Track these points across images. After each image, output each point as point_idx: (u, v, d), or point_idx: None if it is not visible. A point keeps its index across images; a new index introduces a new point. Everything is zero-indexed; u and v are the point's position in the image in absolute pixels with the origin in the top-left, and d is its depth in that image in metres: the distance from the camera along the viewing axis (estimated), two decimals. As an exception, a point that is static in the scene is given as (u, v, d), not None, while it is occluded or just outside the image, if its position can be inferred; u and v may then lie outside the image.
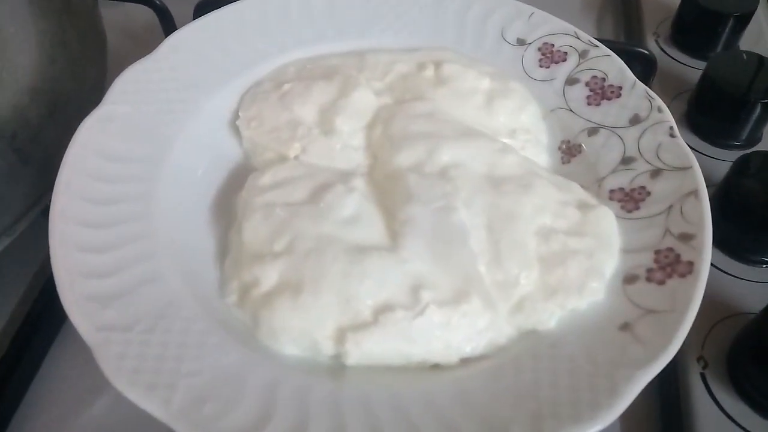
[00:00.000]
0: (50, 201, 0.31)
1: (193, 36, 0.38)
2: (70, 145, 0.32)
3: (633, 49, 0.47)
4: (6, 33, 0.30)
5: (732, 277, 0.39)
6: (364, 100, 0.36)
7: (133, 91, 0.35)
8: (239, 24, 0.39)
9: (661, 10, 0.57)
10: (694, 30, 0.53)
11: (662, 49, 0.54)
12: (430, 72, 0.37)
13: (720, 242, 0.39)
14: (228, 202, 0.35)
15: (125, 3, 0.50)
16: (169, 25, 0.49)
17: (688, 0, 0.53)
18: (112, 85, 0.34)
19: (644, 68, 0.48)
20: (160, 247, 0.31)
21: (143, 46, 0.50)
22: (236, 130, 0.37)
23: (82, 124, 0.33)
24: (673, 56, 0.54)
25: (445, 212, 0.31)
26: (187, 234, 0.33)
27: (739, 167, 0.40)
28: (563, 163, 0.37)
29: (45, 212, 0.35)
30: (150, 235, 0.31)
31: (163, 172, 0.33)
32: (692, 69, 0.53)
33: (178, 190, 0.34)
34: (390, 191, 0.33)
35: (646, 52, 0.47)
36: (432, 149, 0.33)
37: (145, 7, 0.50)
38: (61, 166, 0.31)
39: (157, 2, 0.48)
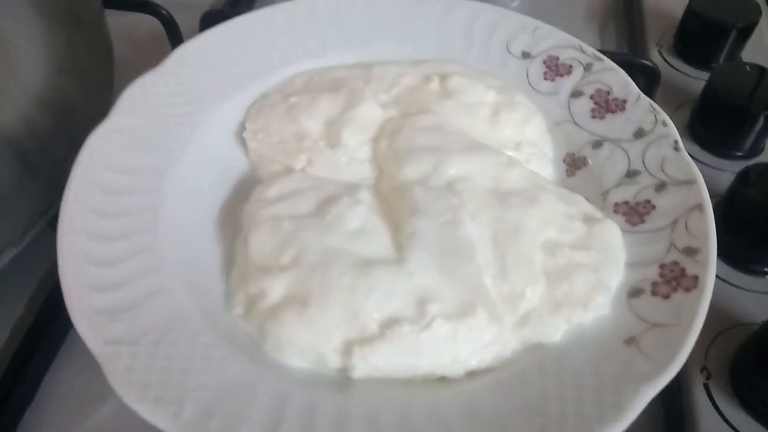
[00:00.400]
0: (57, 212, 0.31)
1: (200, 48, 0.38)
2: (78, 157, 0.32)
3: (637, 61, 0.48)
4: (16, 46, 0.30)
5: (735, 288, 0.39)
6: (371, 113, 0.36)
7: (141, 104, 0.35)
8: (246, 36, 0.39)
9: (664, 21, 0.57)
10: (697, 41, 0.54)
11: (665, 59, 0.55)
12: (436, 85, 0.38)
13: (723, 253, 0.39)
14: (234, 214, 0.35)
15: (130, 12, 0.50)
16: (174, 35, 0.50)
17: (691, 11, 0.53)
18: (121, 97, 0.35)
19: (648, 80, 0.48)
20: (167, 259, 0.31)
21: (148, 55, 0.50)
22: (243, 142, 0.37)
23: (90, 136, 0.33)
24: (675, 66, 0.54)
25: (452, 226, 0.31)
26: (194, 246, 0.33)
27: (743, 178, 0.40)
28: (568, 175, 0.37)
29: (51, 222, 0.36)
30: (157, 248, 0.31)
31: (170, 184, 0.34)
32: (694, 79, 0.53)
33: (185, 201, 0.34)
34: (396, 204, 0.33)
35: (650, 64, 0.48)
36: (438, 162, 0.33)
37: (150, 16, 0.50)
38: (69, 179, 0.31)
39: (163, 12, 0.49)
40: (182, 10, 0.50)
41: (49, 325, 0.36)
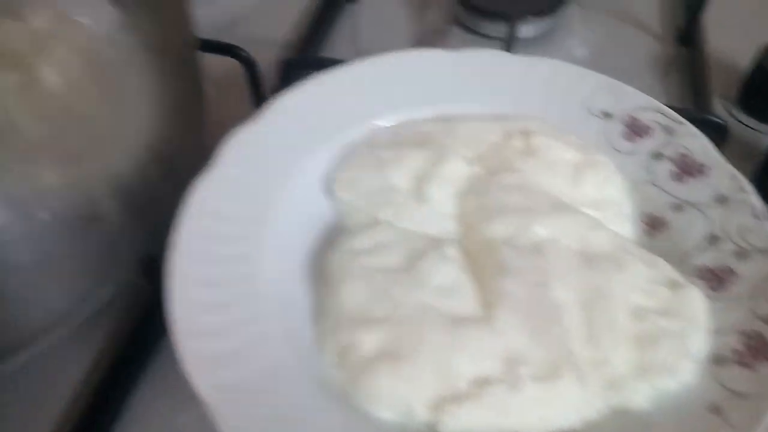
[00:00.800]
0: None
1: (296, 100, 0.40)
2: (184, 205, 0.34)
3: (705, 117, 0.48)
4: (134, 105, 0.32)
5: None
6: (456, 169, 0.37)
7: (240, 154, 0.37)
8: (337, 89, 0.41)
9: (729, 72, 0.58)
10: (763, 95, 0.54)
11: (729, 112, 0.55)
12: (518, 142, 0.39)
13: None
14: (321, 261, 0.36)
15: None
16: (254, 75, 0.51)
17: (759, 67, 0.53)
18: (222, 147, 0.37)
19: (715, 136, 0.48)
20: (265, 306, 0.32)
21: (226, 95, 0.52)
22: (331, 192, 0.38)
23: (195, 185, 0.35)
24: (739, 119, 0.54)
25: (540, 288, 0.32)
26: (286, 292, 0.34)
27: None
28: (647, 236, 0.37)
29: (146, 264, 0.38)
30: (256, 295, 0.32)
31: (266, 232, 0.35)
32: (760, 134, 0.53)
33: (278, 249, 0.35)
34: (483, 262, 0.34)
35: (719, 120, 0.48)
36: (525, 223, 0.34)
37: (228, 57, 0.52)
38: (177, 226, 0.33)
39: (245, 54, 0.51)
40: (252, 47, 0.52)
41: (130, 360, 0.38)
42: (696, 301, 0.33)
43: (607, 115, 0.41)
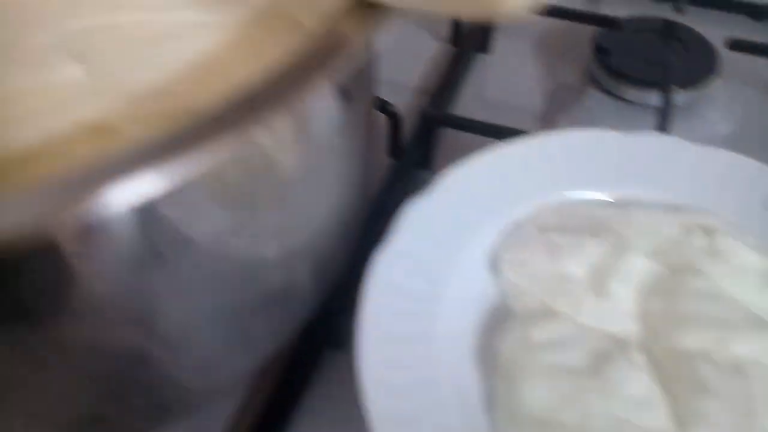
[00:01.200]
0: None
1: (463, 175, 0.40)
2: (368, 280, 0.34)
3: None
4: (332, 170, 0.32)
5: None
6: (638, 265, 0.36)
7: (413, 228, 0.37)
8: (504, 164, 0.41)
9: None
10: None
11: None
12: (700, 240, 0.37)
13: None
14: (493, 345, 0.35)
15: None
16: (396, 128, 0.51)
17: None
18: (398, 220, 0.37)
19: None
20: (443, 392, 0.32)
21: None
22: (499, 272, 0.38)
23: (375, 259, 0.35)
24: None
25: (745, 414, 0.30)
26: (459, 376, 0.33)
27: None
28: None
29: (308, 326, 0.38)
30: (435, 380, 0.32)
31: (439, 310, 0.35)
32: None
33: (449, 328, 0.35)
34: (675, 374, 0.32)
35: None
36: (723, 338, 0.32)
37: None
38: (363, 302, 0.33)
39: (393, 110, 0.50)
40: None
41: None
42: None
43: (787, 216, 0.39)
